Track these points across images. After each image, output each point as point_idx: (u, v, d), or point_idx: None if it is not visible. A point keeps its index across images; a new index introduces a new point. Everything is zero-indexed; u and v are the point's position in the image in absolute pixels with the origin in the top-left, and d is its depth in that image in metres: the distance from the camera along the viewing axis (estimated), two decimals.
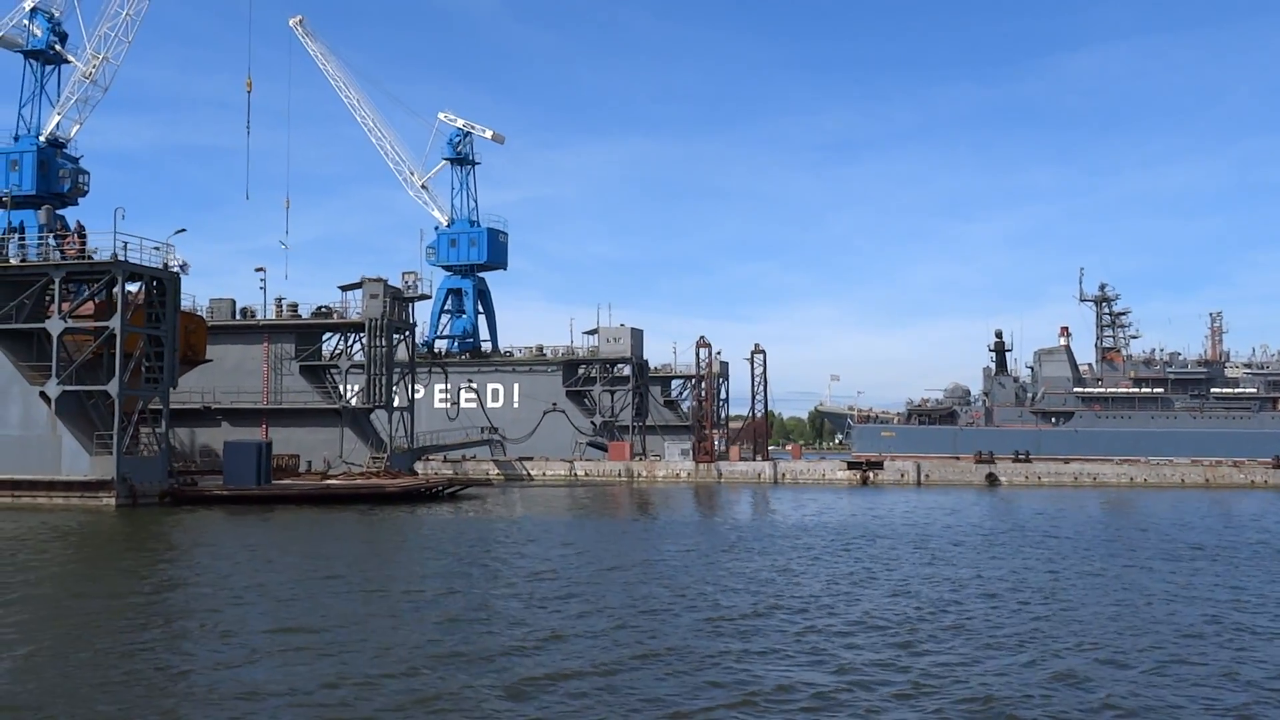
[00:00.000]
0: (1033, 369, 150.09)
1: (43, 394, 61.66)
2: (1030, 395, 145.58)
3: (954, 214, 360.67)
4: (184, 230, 66.36)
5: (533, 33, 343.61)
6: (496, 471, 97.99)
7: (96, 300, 64.09)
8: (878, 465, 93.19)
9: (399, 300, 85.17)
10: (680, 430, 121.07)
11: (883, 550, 41.74)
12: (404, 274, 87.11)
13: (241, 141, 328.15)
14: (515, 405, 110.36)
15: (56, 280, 62.25)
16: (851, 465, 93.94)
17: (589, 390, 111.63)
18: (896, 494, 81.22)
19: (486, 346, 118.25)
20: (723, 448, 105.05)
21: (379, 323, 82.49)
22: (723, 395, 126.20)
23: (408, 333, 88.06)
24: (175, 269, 65.28)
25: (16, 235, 65.68)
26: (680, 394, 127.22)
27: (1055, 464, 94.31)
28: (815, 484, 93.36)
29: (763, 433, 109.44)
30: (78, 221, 63.29)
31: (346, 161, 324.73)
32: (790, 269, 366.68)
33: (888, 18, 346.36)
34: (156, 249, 64.15)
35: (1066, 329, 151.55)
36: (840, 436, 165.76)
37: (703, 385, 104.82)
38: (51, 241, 62.92)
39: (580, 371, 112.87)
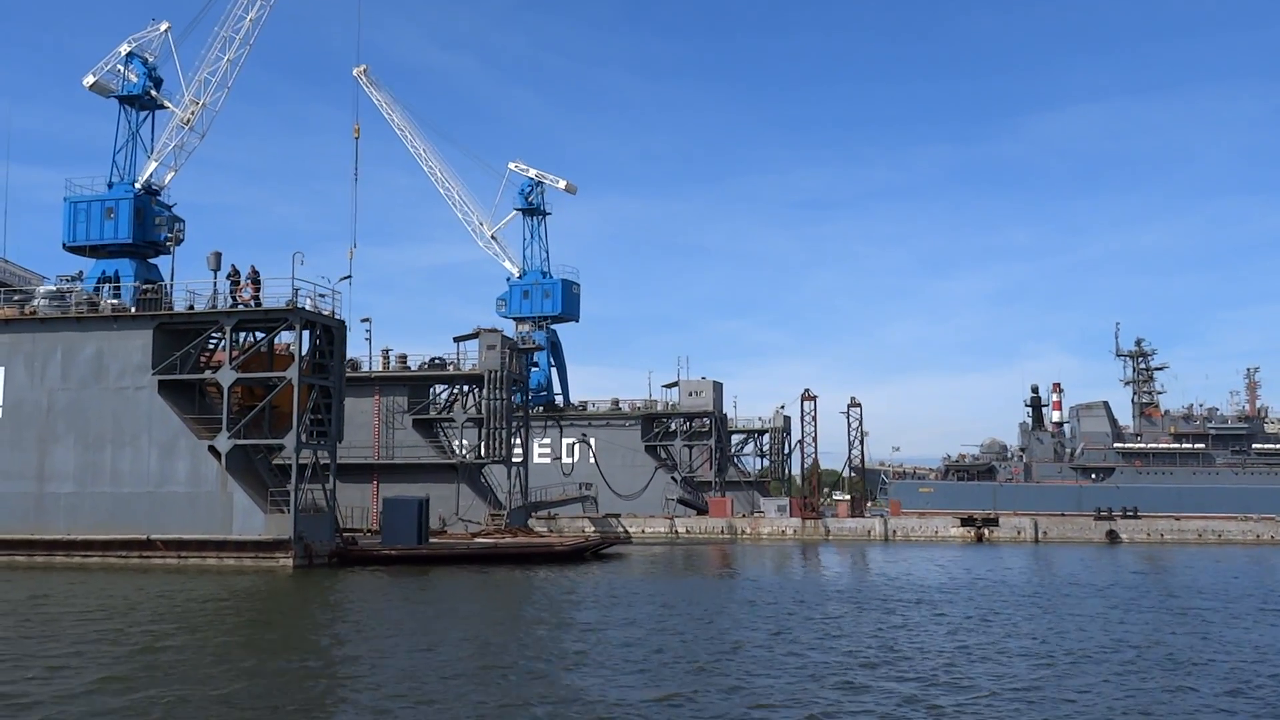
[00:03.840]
0: (1065, 424, 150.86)
1: (212, 449, 58.48)
2: (1069, 451, 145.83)
3: (931, 272, 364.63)
4: (349, 277, 63.93)
5: (512, 93, 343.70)
6: (592, 529, 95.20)
7: (261, 350, 61.24)
8: (993, 522, 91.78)
9: (515, 352, 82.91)
10: (746, 485, 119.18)
11: None
12: (517, 324, 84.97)
13: (214, 199, 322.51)
14: (591, 460, 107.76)
15: (227, 329, 59.45)
16: (965, 522, 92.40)
17: (668, 445, 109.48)
18: (1027, 552, 79.88)
19: (558, 399, 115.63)
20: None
21: (498, 375, 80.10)
22: (786, 450, 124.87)
23: (523, 386, 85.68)
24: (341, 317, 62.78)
25: (185, 283, 62.77)
26: (742, 448, 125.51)
27: (1171, 521, 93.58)
28: (928, 541, 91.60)
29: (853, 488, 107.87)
30: (251, 267, 60.42)
31: (394, 212, 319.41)
32: (768, 326, 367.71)
33: (862, 78, 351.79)
34: (323, 296, 61.63)
35: (1059, 385, 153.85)
36: (875, 495, 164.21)
37: (797, 440, 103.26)
38: (225, 287, 60.00)
39: (656, 426, 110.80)
